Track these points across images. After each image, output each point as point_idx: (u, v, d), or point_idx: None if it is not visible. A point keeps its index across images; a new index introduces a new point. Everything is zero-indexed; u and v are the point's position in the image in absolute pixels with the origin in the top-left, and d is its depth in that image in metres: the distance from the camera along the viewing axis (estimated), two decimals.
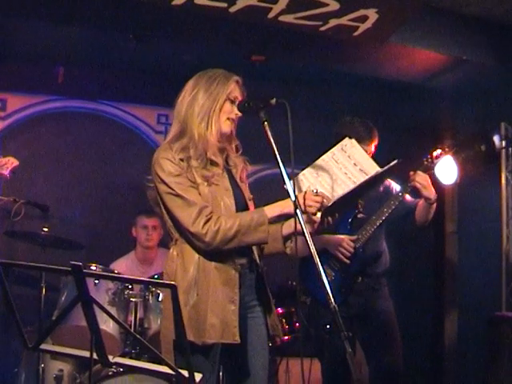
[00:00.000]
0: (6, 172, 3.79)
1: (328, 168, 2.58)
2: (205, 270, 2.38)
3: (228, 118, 2.48)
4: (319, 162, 2.61)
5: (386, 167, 2.63)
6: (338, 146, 2.64)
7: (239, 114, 2.49)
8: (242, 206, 2.47)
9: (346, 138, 2.66)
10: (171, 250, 2.46)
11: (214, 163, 2.47)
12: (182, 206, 2.36)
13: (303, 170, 2.60)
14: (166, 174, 2.38)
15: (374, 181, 2.72)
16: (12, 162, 3.82)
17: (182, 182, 2.38)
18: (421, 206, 3.37)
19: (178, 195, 2.37)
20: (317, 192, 2.39)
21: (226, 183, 2.47)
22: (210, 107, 2.45)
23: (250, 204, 2.54)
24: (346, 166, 2.60)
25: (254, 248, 2.51)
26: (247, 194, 2.56)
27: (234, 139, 2.59)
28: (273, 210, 2.39)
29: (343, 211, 2.99)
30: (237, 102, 2.49)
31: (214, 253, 2.38)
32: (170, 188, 2.37)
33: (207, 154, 2.45)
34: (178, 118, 2.50)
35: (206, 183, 2.40)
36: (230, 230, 2.33)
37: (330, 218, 2.51)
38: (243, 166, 2.60)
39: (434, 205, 3.32)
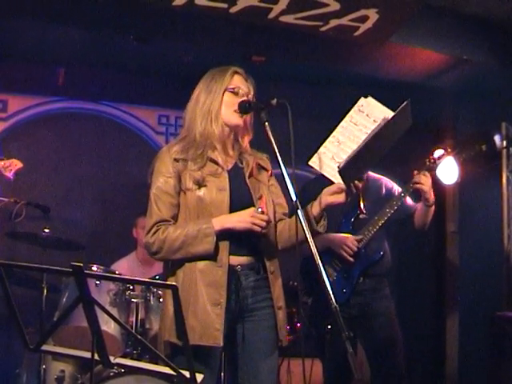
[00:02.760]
0: (9, 174, 3.79)
1: (348, 133, 2.48)
2: (190, 273, 2.38)
3: (235, 110, 2.46)
4: (338, 129, 2.51)
5: (397, 111, 2.46)
6: (355, 107, 2.53)
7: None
8: (242, 205, 2.42)
9: (361, 98, 2.54)
10: None
11: (214, 161, 2.46)
12: (148, 212, 2.44)
13: (324, 141, 2.51)
14: (155, 174, 2.45)
15: (391, 130, 2.52)
16: (15, 164, 3.83)
17: (163, 185, 2.42)
18: (420, 210, 3.39)
19: (150, 200, 2.43)
20: (262, 211, 2.36)
21: (222, 183, 2.44)
22: (210, 104, 2.46)
23: (260, 202, 2.46)
24: (366, 125, 2.49)
25: (263, 247, 2.46)
26: (255, 192, 2.49)
27: (248, 133, 2.56)
28: (218, 222, 2.37)
29: (367, 169, 2.78)
30: (240, 93, 2.48)
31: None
32: (151, 188, 2.45)
33: (207, 153, 2.45)
34: (184, 123, 2.55)
35: (196, 187, 2.40)
36: (176, 240, 2.35)
37: (357, 183, 2.43)
38: (256, 164, 2.56)
39: (432, 208, 3.33)
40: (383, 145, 2.54)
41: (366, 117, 2.50)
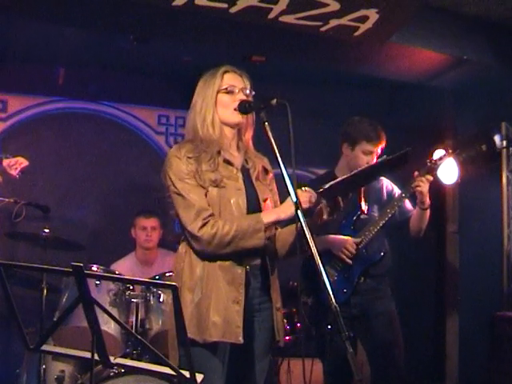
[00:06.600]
0: (14, 172, 3.78)
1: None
2: (210, 269, 2.38)
3: (235, 109, 2.46)
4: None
5: (397, 154, 2.56)
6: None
7: (242, 98, 2.47)
8: (254, 207, 2.45)
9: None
10: (180, 247, 2.49)
11: (228, 162, 2.46)
12: (182, 205, 2.39)
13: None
14: (173, 172, 2.41)
15: (383, 168, 2.75)
16: (21, 163, 3.82)
17: (187, 181, 2.39)
18: (415, 215, 3.41)
19: (179, 194, 2.39)
20: (305, 189, 2.39)
21: (238, 184, 2.45)
22: (205, 109, 2.48)
23: (264, 205, 2.49)
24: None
25: (267, 250, 2.48)
26: (262, 195, 2.51)
27: (248, 131, 2.56)
28: (269, 216, 2.39)
29: (352, 192, 2.92)
30: (236, 90, 2.48)
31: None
32: (175, 187, 2.40)
33: (220, 154, 2.45)
34: (187, 127, 2.55)
35: (214, 186, 2.40)
36: (227, 235, 2.33)
37: (339, 198, 2.45)
38: (262, 166, 2.57)
39: (427, 212, 3.36)
40: (371, 177, 2.84)
41: None
